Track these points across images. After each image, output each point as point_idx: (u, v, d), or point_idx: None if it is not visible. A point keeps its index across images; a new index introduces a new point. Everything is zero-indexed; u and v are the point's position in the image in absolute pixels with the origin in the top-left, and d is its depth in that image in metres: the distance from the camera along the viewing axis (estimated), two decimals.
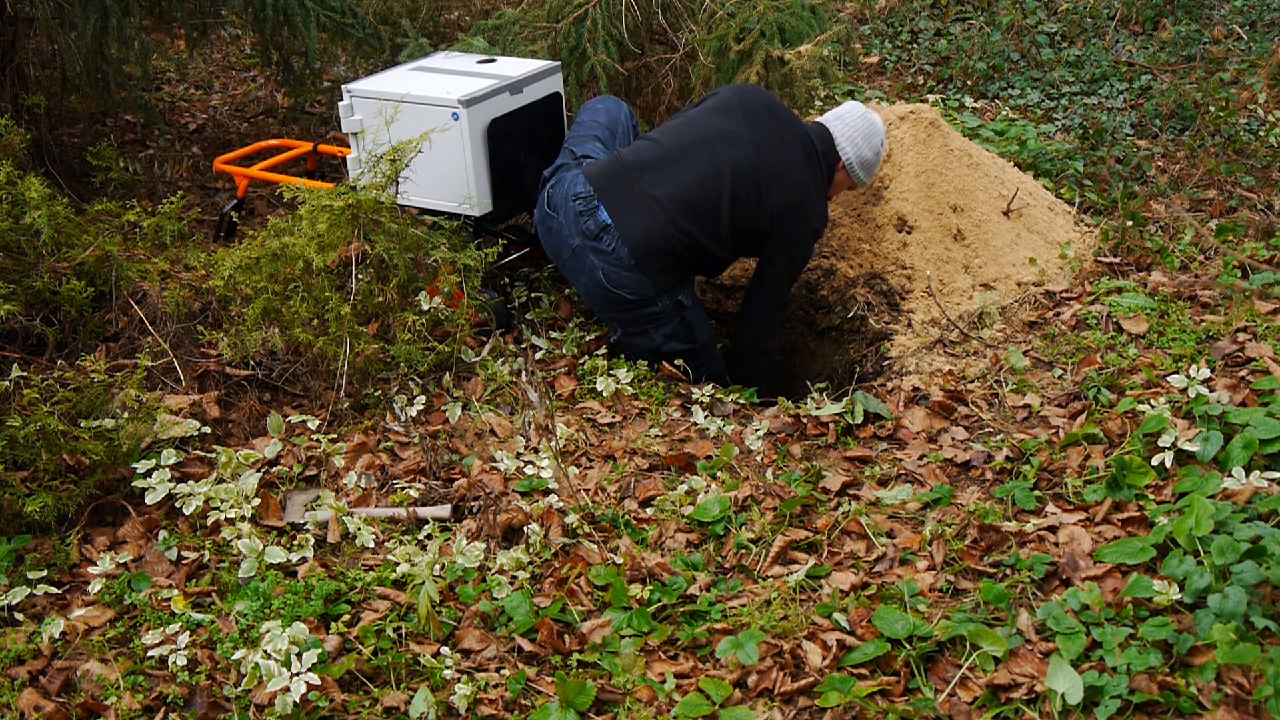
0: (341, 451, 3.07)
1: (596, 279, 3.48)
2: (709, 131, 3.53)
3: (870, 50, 6.41)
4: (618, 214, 3.45)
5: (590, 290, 3.54)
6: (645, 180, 3.48)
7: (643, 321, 3.55)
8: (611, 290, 3.48)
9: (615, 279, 3.46)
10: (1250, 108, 5.29)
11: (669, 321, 3.56)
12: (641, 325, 3.56)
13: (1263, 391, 2.97)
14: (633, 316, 3.55)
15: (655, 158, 3.51)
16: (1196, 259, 3.96)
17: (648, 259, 3.45)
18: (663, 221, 3.44)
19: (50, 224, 3.30)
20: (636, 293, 3.48)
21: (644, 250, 3.44)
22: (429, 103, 3.63)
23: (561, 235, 3.52)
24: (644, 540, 2.79)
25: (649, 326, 3.56)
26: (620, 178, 3.50)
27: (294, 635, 2.38)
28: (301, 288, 3.24)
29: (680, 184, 3.46)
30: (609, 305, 3.54)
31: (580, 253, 3.48)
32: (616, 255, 3.44)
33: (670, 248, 3.46)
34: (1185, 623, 2.30)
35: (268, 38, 4.73)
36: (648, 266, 3.45)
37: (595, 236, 3.44)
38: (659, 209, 3.45)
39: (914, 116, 4.16)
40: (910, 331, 3.76)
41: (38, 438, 2.74)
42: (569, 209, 3.49)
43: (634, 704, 2.29)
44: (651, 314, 3.54)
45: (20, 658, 2.45)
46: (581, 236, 3.46)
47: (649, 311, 3.53)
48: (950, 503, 2.86)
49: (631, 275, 3.46)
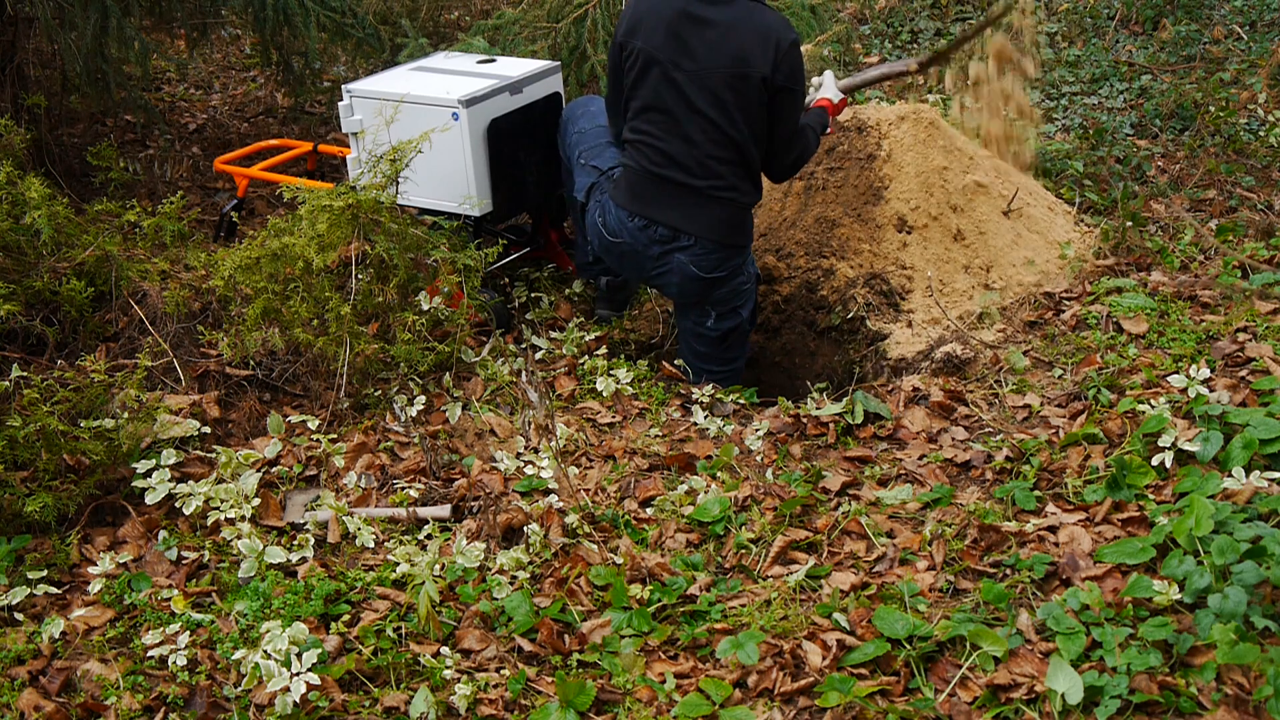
0: (341, 451, 3.07)
1: (689, 273, 3.53)
2: (673, 96, 3.46)
3: (870, 50, 6.41)
4: (676, 218, 3.49)
5: (685, 286, 3.57)
6: (675, 173, 3.47)
7: (733, 298, 3.61)
8: (707, 276, 3.53)
9: (707, 264, 3.52)
10: (1250, 108, 5.29)
11: (752, 294, 3.66)
12: (731, 302, 3.61)
13: (1263, 391, 2.97)
14: (727, 292, 3.59)
15: (665, 148, 3.48)
16: (1196, 259, 3.96)
17: (725, 232, 3.51)
18: (716, 201, 3.49)
19: (50, 224, 3.30)
20: (728, 265, 3.54)
21: (719, 232, 3.50)
22: (429, 103, 3.63)
23: (636, 251, 3.57)
24: (644, 540, 2.79)
25: (737, 303, 3.62)
26: (652, 183, 3.51)
27: (294, 635, 2.38)
28: (301, 288, 3.24)
29: (702, 158, 3.45)
30: (708, 290, 3.57)
31: (664, 258, 3.53)
32: (701, 246, 3.49)
33: (737, 208, 3.52)
34: (1185, 623, 2.31)
35: (268, 38, 4.73)
36: (729, 237, 3.52)
37: (671, 239, 3.51)
38: (707, 193, 3.47)
39: (914, 116, 4.16)
40: (910, 332, 3.76)
41: (38, 438, 2.74)
42: (630, 229, 3.54)
43: (634, 704, 2.29)
44: (741, 284, 3.61)
45: (20, 658, 2.45)
46: (659, 245, 3.52)
47: (740, 281, 3.60)
48: (950, 503, 2.86)
49: (721, 254, 3.52)
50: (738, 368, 3.75)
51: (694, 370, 3.69)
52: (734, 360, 3.72)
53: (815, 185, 4.14)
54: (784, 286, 4.00)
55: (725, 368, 3.70)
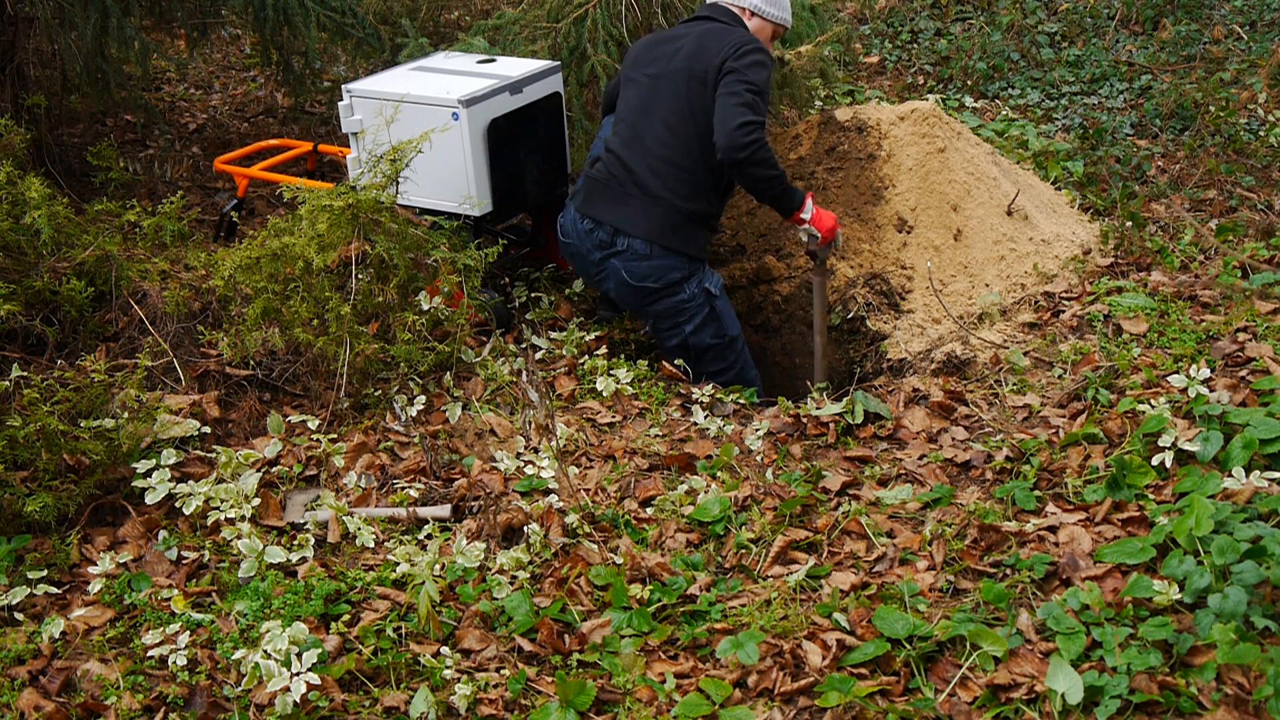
0: (341, 451, 3.07)
1: (621, 279, 3.61)
2: (636, 102, 3.63)
3: (870, 50, 6.41)
4: (618, 218, 3.58)
5: (620, 291, 3.66)
6: (625, 179, 3.59)
7: (674, 314, 3.63)
8: (637, 284, 3.59)
9: (638, 272, 3.58)
10: (1250, 108, 5.29)
11: (698, 312, 3.64)
12: (673, 319, 3.64)
13: (1263, 391, 2.97)
14: (665, 309, 3.63)
15: (623, 153, 3.62)
16: (1196, 259, 3.96)
17: (664, 236, 3.55)
18: (664, 194, 3.54)
19: (50, 224, 3.30)
20: (661, 278, 3.58)
21: (655, 234, 3.55)
22: (429, 103, 3.63)
23: (582, 255, 3.69)
24: (644, 540, 2.79)
25: (680, 320, 3.64)
26: (602, 187, 3.63)
27: (294, 635, 2.38)
28: (301, 288, 3.24)
29: (651, 162, 3.56)
30: (640, 300, 3.64)
31: (603, 263, 3.64)
32: (632, 251, 3.56)
33: (678, 214, 3.55)
34: (1185, 623, 2.30)
35: (268, 38, 4.73)
36: (668, 242, 3.56)
37: (609, 244, 3.59)
38: (654, 187, 3.55)
39: (914, 115, 4.16)
40: (910, 332, 3.76)
41: (38, 438, 2.74)
42: (579, 231, 3.66)
43: (634, 704, 2.29)
44: (682, 303, 3.62)
45: (20, 658, 2.45)
46: (599, 250, 3.61)
47: (680, 299, 3.61)
48: (950, 503, 2.86)
49: (652, 263, 3.57)
50: (735, 376, 3.72)
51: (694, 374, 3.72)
52: (722, 372, 3.70)
53: (815, 185, 4.14)
54: (784, 286, 4.00)
55: (719, 377, 3.70)
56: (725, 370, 3.71)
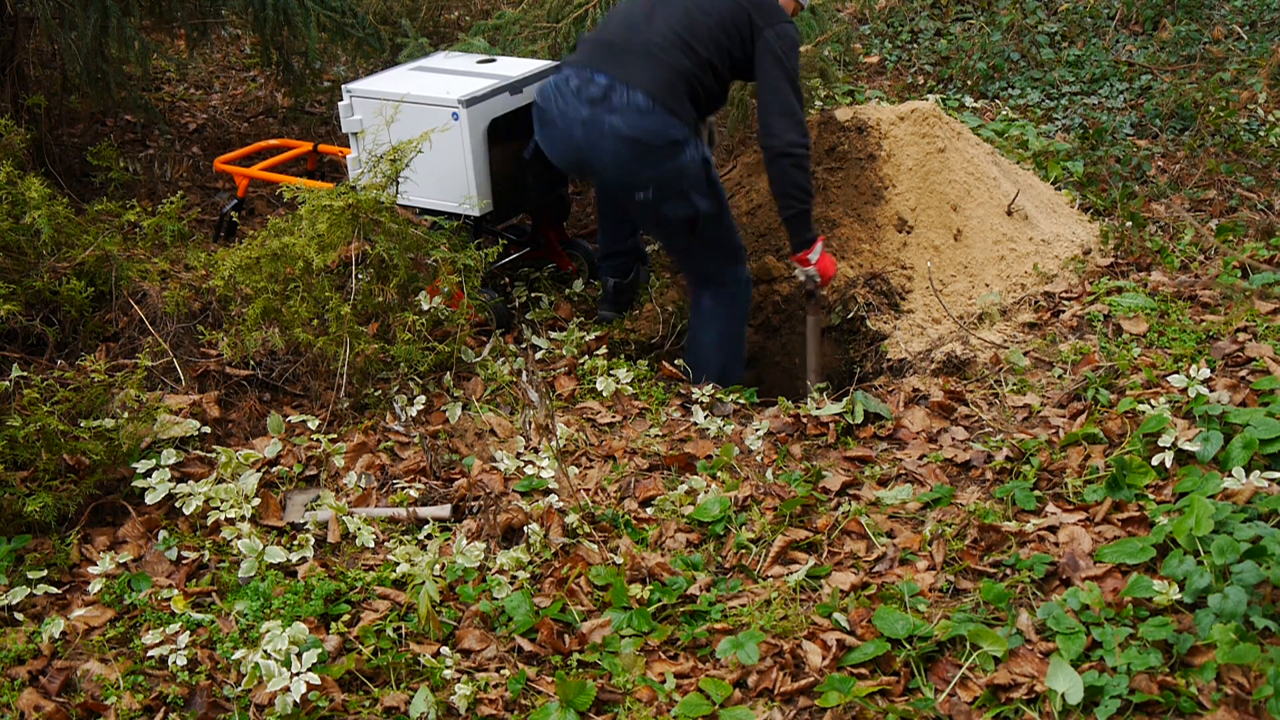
0: (341, 451, 3.07)
1: (620, 134, 3.30)
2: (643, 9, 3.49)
3: (870, 50, 6.41)
4: (619, 70, 3.35)
5: (618, 154, 3.34)
6: (629, 39, 3.42)
7: (680, 178, 3.37)
8: (642, 140, 3.30)
9: (640, 126, 3.30)
10: (1250, 108, 5.29)
11: (700, 179, 3.41)
12: (679, 184, 3.37)
13: (1263, 391, 2.97)
14: (670, 171, 3.36)
15: (626, 23, 3.47)
16: (1196, 259, 3.96)
17: (664, 93, 3.33)
18: (665, 59, 3.36)
19: (50, 224, 3.30)
20: (664, 134, 3.32)
21: (657, 86, 3.32)
22: (429, 103, 3.63)
23: (566, 121, 3.38)
24: (644, 540, 2.79)
25: (685, 185, 3.38)
26: (605, 46, 3.45)
27: (294, 635, 2.38)
28: (301, 288, 3.24)
29: (664, 30, 3.40)
30: (639, 163, 3.35)
31: (593, 121, 3.32)
32: (632, 104, 3.30)
33: (683, 75, 3.37)
34: (1185, 623, 2.30)
35: (268, 38, 4.73)
36: (667, 100, 3.32)
37: (603, 98, 3.31)
38: (657, 49, 3.38)
39: (914, 115, 4.16)
40: (910, 332, 3.76)
41: (38, 438, 2.74)
42: (565, 93, 3.38)
43: (634, 704, 2.29)
44: (688, 167, 3.36)
45: (20, 658, 2.45)
46: (589, 106, 3.33)
47: (684, 163, 3.36)
48: (950, 503, 2.86)
49: (655, 119, 3.31)
50: (725, 240, 3.53)
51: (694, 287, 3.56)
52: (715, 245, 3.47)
53: (815, 185, 4.14)
54: (784, 286, 4.00)
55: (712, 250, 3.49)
56: (718, 234, 3.50)
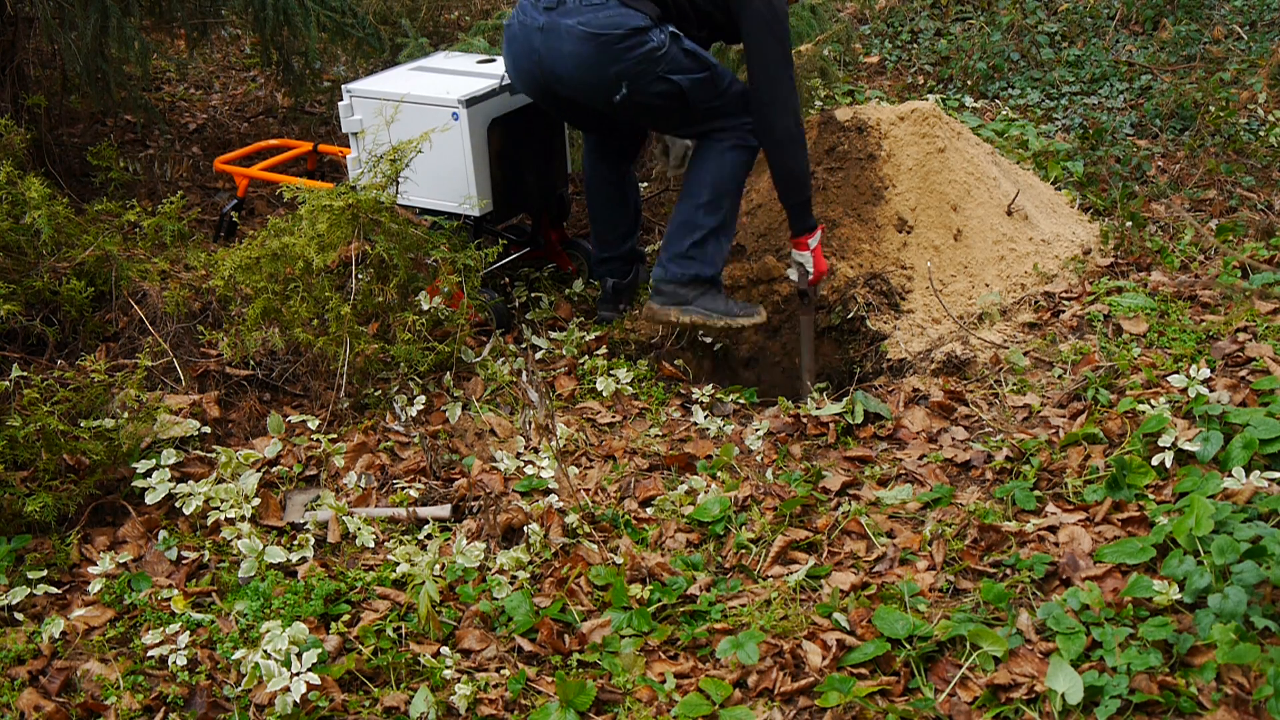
0: (341, 451, 3.07)
1: (579, 34, 3.16)
2: None
3: (870, 50, 6.41)
4: None
5: (579, 54, 3.19)
6: None
7: (652, 63, 3.19)
8: (599, 33, 3.14)
9: (596, 21, 3.14)
10: (1250, 108, 5.29)
11: (675, 56, 3.22)
12: (653, 69, 3.19)
13: (1263, 391, 2.97)
14: (638, 59, 3.18)
15: None
16: (1196, 259, 3.96)
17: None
18: None
19: (50, 224, 3.30)
20: (624, 24, 3.15)
21: None
22: (429, 103, 3.63)
23: (526, 32, 3.26)
24: (644, 540, 2.79)
25: (660, 69, 3.20)
26: None
27: (294, 635, 2.38)
28: (301, 288, 3.24)
29: None
30: (606, 58, 3.17)
31: (551, 28, 3.19)
32: (585, 2, 3.15)
33: None
34: (1185, 623, 2.31)
35: (268, 38, 4.73)
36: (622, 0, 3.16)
37: (557, 3, 3.18)
38: None
39: (914, 115, 4.16)
40: (910, 332, 3.76)
41: (38, 438, 2.74)
42: (524, 6, 3.28)
43: (634, 704, 2.29)
44: (656, 50, 3.18)
45: (20, 658, 2.45)
46: (545, 13, 3.20)
47: (651, 48, 3.17)
48: (950, 503, 2.86)
49: (610, 11, 3.15)
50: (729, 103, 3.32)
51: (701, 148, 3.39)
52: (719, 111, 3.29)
53: (815, 185, 4.14)
54: (784, 287, 4.00)
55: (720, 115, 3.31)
56: (718, 97, 3.30)
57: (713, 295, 3.39)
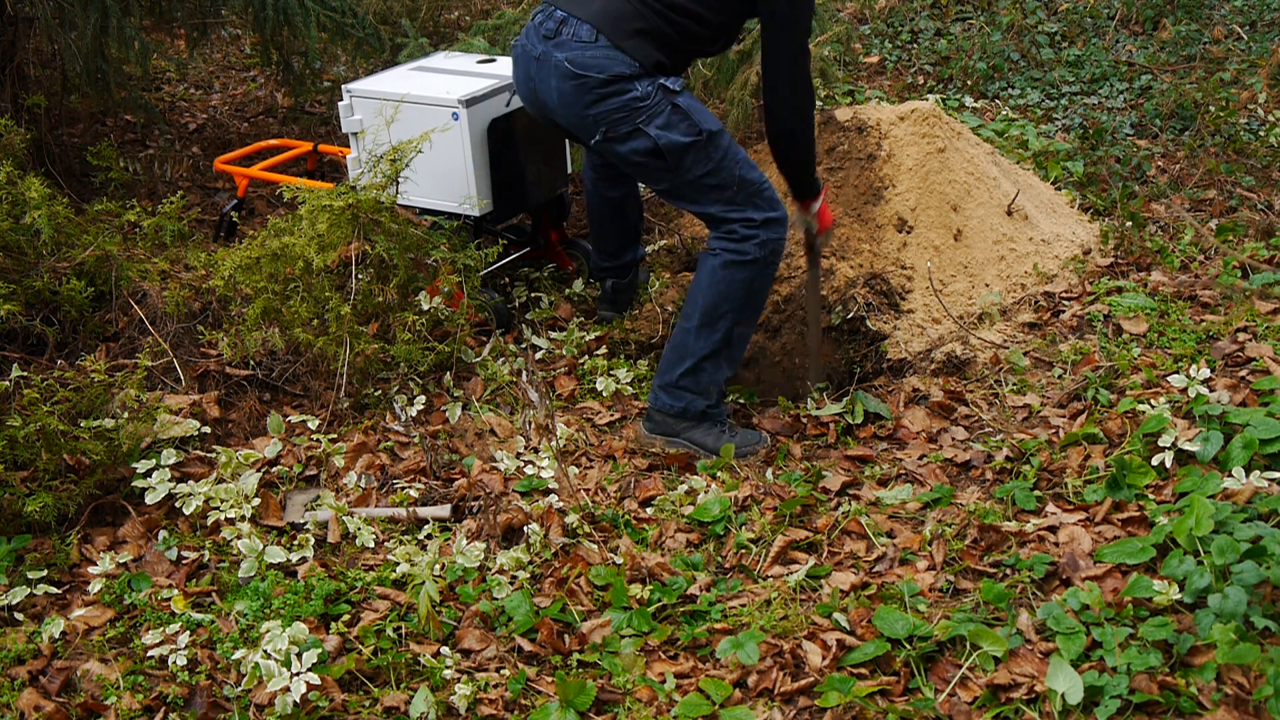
0: (341, 451, 3.07)
1: (564, 70, 3.03)
2: None
3: (870, 50, 6.41)
4: (575, 5, 3.08)
5: (562, 90, 3.06)
6: None
7: (630, 113, 3.01)
8: (580, 73, 3.01)
9: (580, 61, 3.01)
10: (1250, 108, 5.29)
11: (659, 110, 3.03)
12: (631, 119, 3.02)
13: (1263, 391, 2.97)
14: (617, 108, 3.02)
15: None
16: (1196, 259, 3.96)
17: (611, 28, 3.01)
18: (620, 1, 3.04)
19: (50, 224, 3.30)
20: (606, 69, 3.00)
21: (604, 19, 3.02)
22: (429, 103, 3.63)
23: (525, 57, 3.16)
24: (644, 540, 2.79)
25: (639, 120, 3.02)
26: None
27: (294, 635, 2.38)
28: (301, 288, 3.24)
29: None
30: (583, 99, 3.04)
31: (544, 59, 3.08)
32: (576, 37, 3.02)
33: (635, 13, 3.03)
34: (1185, 623, 2.30)
35: (268, 38, 4.73)
36: (613, 35, 3.01)
37: (554, 34, 3.07)
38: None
39: (914, 115, 4.16)
40: (910, 332, 3.76)
41: (38, 438, 2.74)
42: (529, 29, 3.18)
43: (634, 704, 2.29)
44: (636, 100, 3.01)
45: (20, 658, 2.45)
46: (543, 41, 3.09)
47: (632, 98, 3.01)
48: (950, 503, 2.86)
49: (596, 52, 3.01)
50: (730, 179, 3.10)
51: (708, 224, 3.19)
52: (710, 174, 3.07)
53: None
54: (784, 286, 3.99)
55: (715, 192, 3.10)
56: (712, 172, 3.07)
57: (705, 428, 3.21)
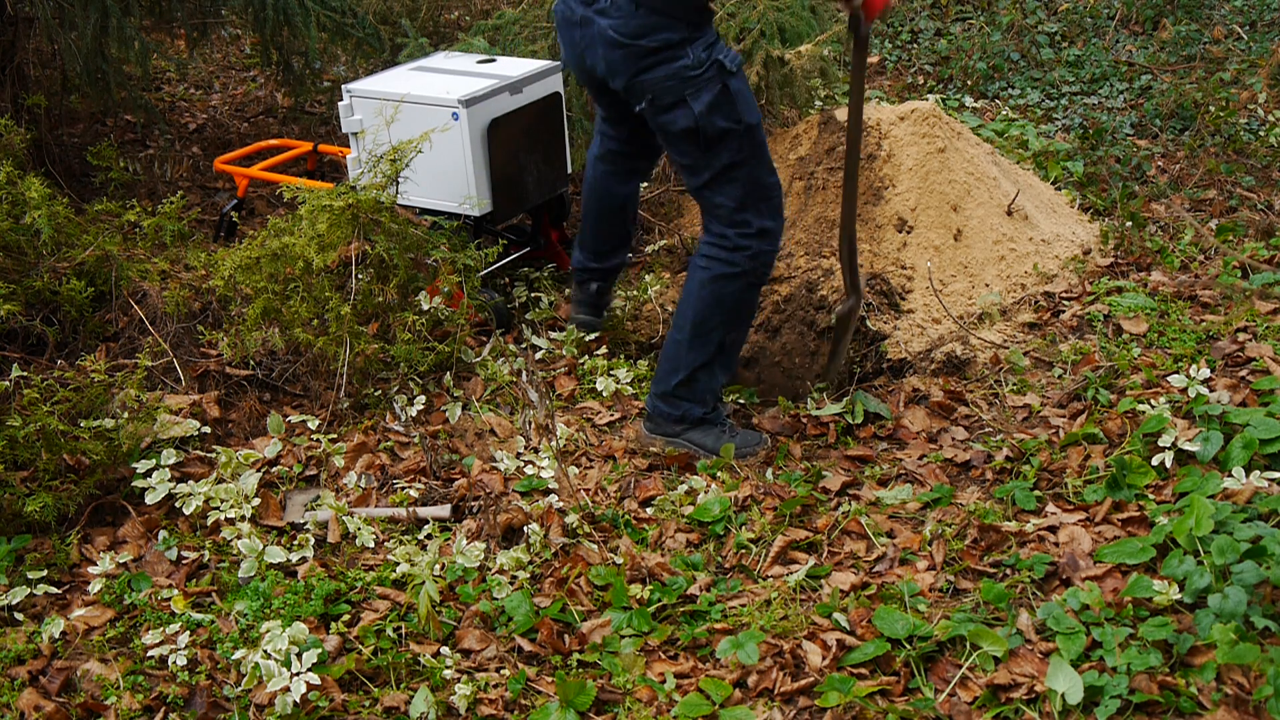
0: (341, 451, 3.07)
1: (609, 39, 2.96)
2: None
3: (870, 50, 6.41)
4: None
5: (609, 59, 2.99)
6: None
7: (679, 85, 2.94)
8: (629, 43, 2.94)
9: (626, 29, 2.94)
10: (1250, 108, 5.29)
11: (709, 87, 2.95)
12: (679, 89, 2.94)
13: (1263, 391, 2.97)
14: (665, 76, 2.94)
15: None
16: (1196, 259, 3.96)
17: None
18: None
19: (50, 224, 3.30)
20: (655, 37, 2.92)
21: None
22: (429, 103, 3.63)
23: (568, 24, 3.09)
24: (644, 540, 2.79)
25: (687, 91, 2.94)
26: None
27: (294, 635, 2.38)
28: (301, 288, 3.24)
29: None
30: (634, 66, 2.96)
31: (587, 22, 3.01)
32: (617, 6, 2.95)
33: None
34: (1185, 623, 2.31)
35: (268, 38, 4.73)
36: (651, 4, 2.92)
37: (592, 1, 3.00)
38: None
39: (914, 115, 4.16)
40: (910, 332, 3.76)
41: (38, 438, 2.74)
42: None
43: (634, 704, 2.29)
44: (687, 69, 2.93)
45: (20, 658, 2.45)
46: (583, 5, 3.02)
47: (682, 65, 2.93)
48: (950, 503, 2.86)
49: (643, 20, 2.93)
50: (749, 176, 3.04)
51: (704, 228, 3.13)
52: (734, 167, 3.02)
53: (815, 185, 4.14)
54: (784, 286, 4.00)
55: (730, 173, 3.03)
56: (738, 165, 3.01)
57: (705, 429, 3.21)
